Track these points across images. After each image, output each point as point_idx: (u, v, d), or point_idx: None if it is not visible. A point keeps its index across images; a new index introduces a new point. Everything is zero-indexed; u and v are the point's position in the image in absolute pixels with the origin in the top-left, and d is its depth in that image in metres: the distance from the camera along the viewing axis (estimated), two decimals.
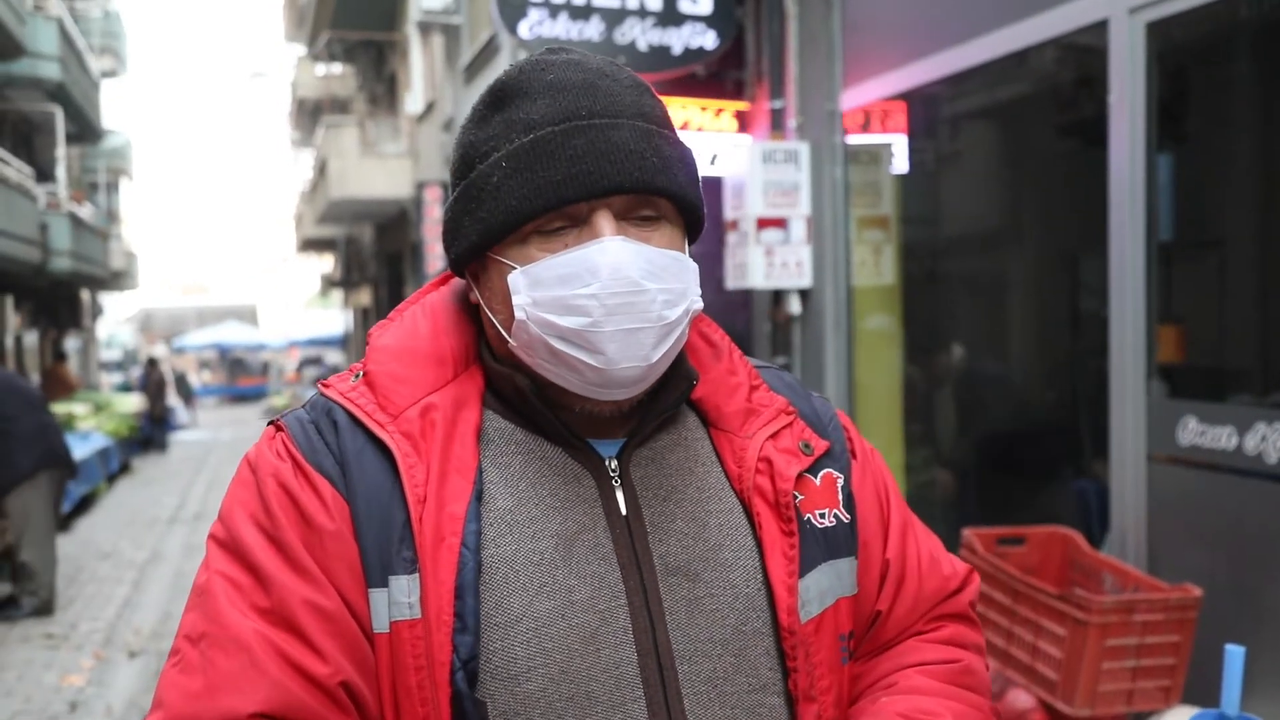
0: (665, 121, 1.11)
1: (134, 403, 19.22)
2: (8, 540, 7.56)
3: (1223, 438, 3.25)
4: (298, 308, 62.64)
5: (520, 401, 1.12)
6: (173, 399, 24.37)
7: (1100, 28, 3.63)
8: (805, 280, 5.59)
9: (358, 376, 1.12)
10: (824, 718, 1.12)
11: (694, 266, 1.10)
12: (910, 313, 5.74)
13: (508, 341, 1.10)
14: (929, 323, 6.09)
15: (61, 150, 21.21)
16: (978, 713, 1.18)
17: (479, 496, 1.06)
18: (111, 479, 14.67)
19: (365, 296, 29.83)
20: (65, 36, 19.05)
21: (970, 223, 6.91)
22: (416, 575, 1.01)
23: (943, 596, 1.27)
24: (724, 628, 1.09)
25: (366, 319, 30.44)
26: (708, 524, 1.13)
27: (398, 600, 1.01)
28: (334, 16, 21.43)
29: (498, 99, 1.10)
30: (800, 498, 1.15)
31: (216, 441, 22.29)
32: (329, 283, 37.09)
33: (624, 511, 1.11)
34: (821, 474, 1.18)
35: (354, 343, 33.95)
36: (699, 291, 1.10)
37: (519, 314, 1.06)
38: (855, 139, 5.44)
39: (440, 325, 1.16)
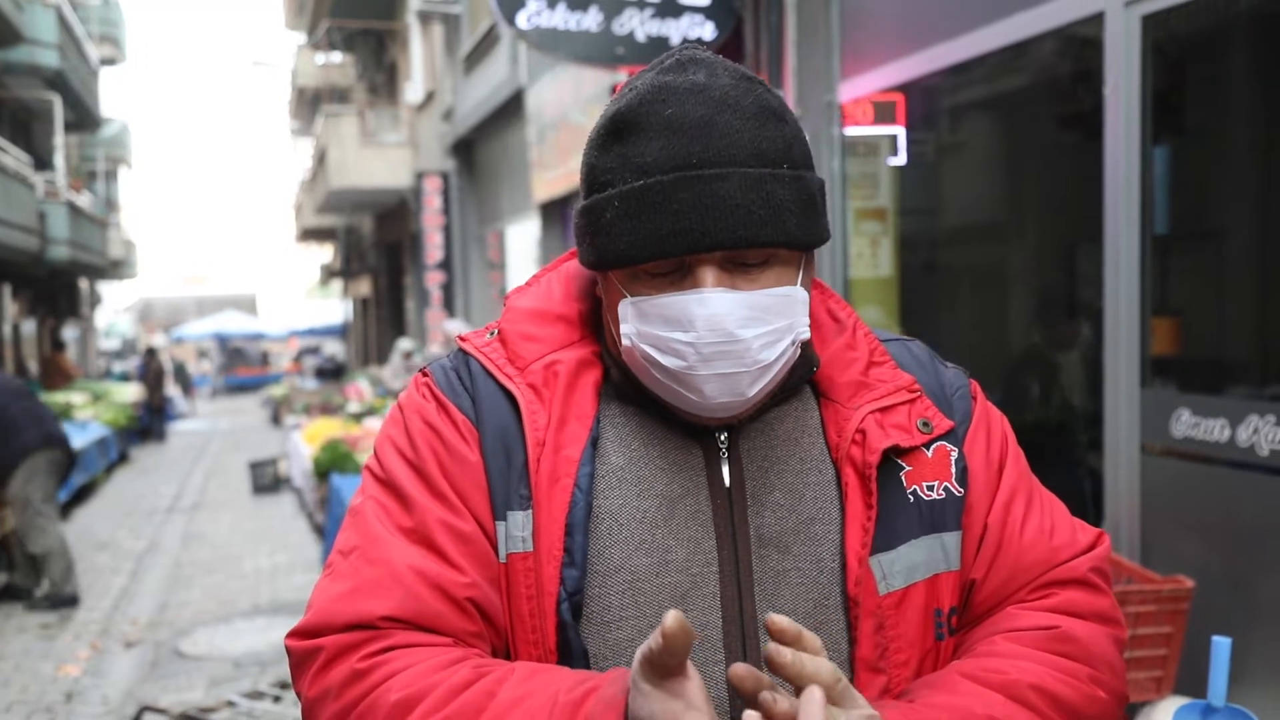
0: (784, 154, 1.09)
1: (132, 392, 19.23)
2: (8, 528, 7.57)
3: (1215, 430, 3.25)
4: (297, 297, 62.59)
5: (625, 379, 1.18)
6: (171, 388, 24.37)
7: (1096, 20, 3.63)
8: None
9: (492, 334, 1.22)
10: (895, 690, 1.12)
11: (804, 296, 1.12)
12: (907, 305, 5.74)
13: (621, 344, 1.15)
14: (925, 314, 6.09)
15: (60, 138, 21.18)
16: (1064, 675, 1.12)
17: (594, 444, 1.14)
18: (110, 469, 14.69)
19: (365, 286, 29.82)
20: (64, 24, 19.01)
21: (968, 215, 6.91)
22: (530, 511, 1.10)
23: (1049, 567, 1.21)
24: (807, 601, 1.13)
25: (366, 309, 30.43)
26: (804, 495, 1.17)
27: (513, 534, 1.10)
28: (334, 5, 21.40)
29: (617, 130, 1.11)
30: (907, 469, 1.17)
31: (215, 431, 22.30)
32: (328, 272, 37.07)
33: (727, 483, 1.16)
34: (935, 446, 1.19)
35: (353, 333, 33.95)
36: (807, 321, 1.12)
37: (625, 341, 1.12)
38: (853, 131, 5.44)
39: (572, 291, 1.24)
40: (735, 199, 1.04)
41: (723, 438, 1.17)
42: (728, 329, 1.06)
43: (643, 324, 1.10)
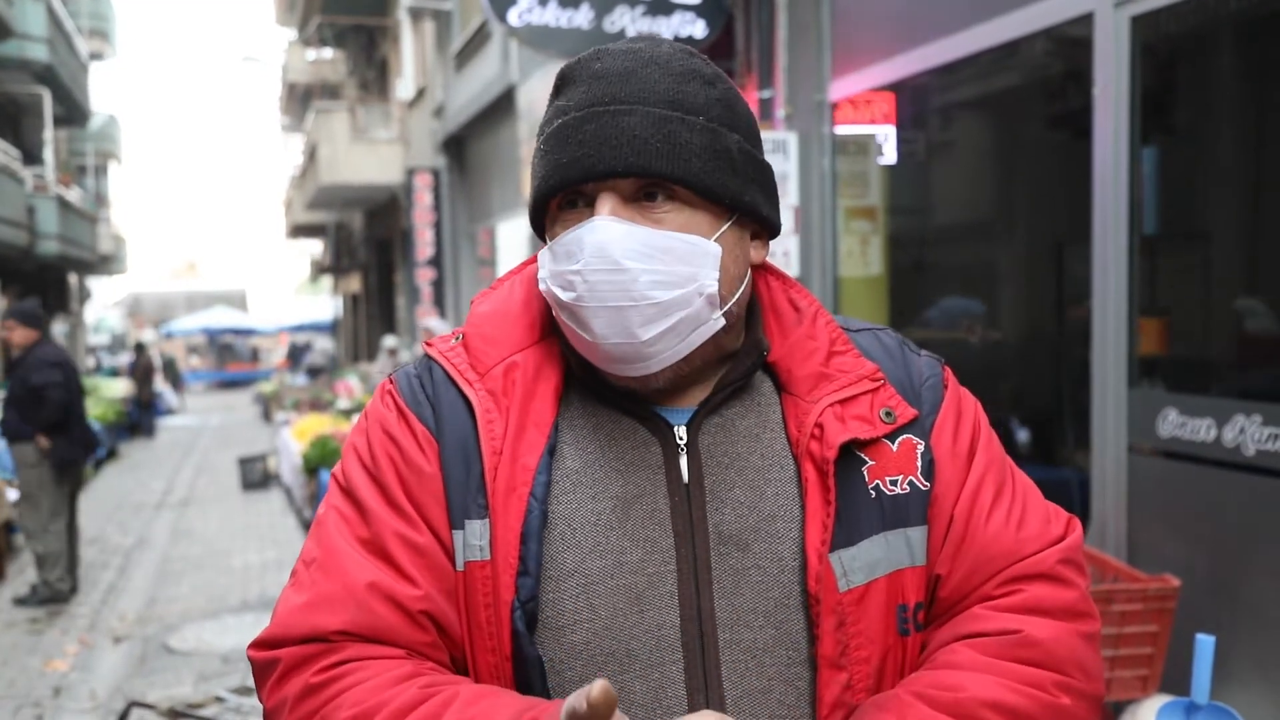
0: (701, 109, 1.12)
1: (122, 387, 19.16)
2: (6, 515, 7.58)
3: (1202, 430, 3.27)
4: (287, 293, 62.47)
5: (586, 369, 1.18)
6: (160, 384, 24.30)
7: (1086, 20, 3.64)
8: (792, 270, 5.59)
9: (457, 338, 1.21)
10: (856, 686, 1.11)
11: (714, 251, 1.11)
12: (897, 303, 5.75)
13: None
14: (915, 312, 6.11)
15: (49, 133, 21.10)
16: (1025, 685, 1.08)
17: (551, 452, 1.14)
18: (98, 464, 14.64)
19: (355, 282, 29.75)
20: (53, 18, 18.93)
21: (957, 213, 6.93)
22: (488, 520, 1.10)
23: (1015, 559, 1.16)
24: (767, 599, 1.12)
25: (356, 305, 30.36)
26: (765, 493, 1.16)
27: (471, 543, 1.10)
28: (325, 1, 21.34)
29: (558, 84, 1.17)
30: (870, 464, 1.15)
31: (204, 427, 22.24)
32: (319, 268, 36.98)
33: (685, 479, 1.15)
34: (900, 440, 1.17)
35: (343, 329, 33.88)
36: (715, 277, 1.11)
37: (541, 286, 1.15)
38: (843, 129, 5.45)
39: (532, 292, 1.23)
40: (635, 130, 1.08)
41: (681, 435, 1.16)
42: (612, 256, 1.07)
43: (550, 265, 1.13)
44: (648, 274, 1.08)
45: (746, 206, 1.14)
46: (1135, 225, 3.52)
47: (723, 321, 1.13)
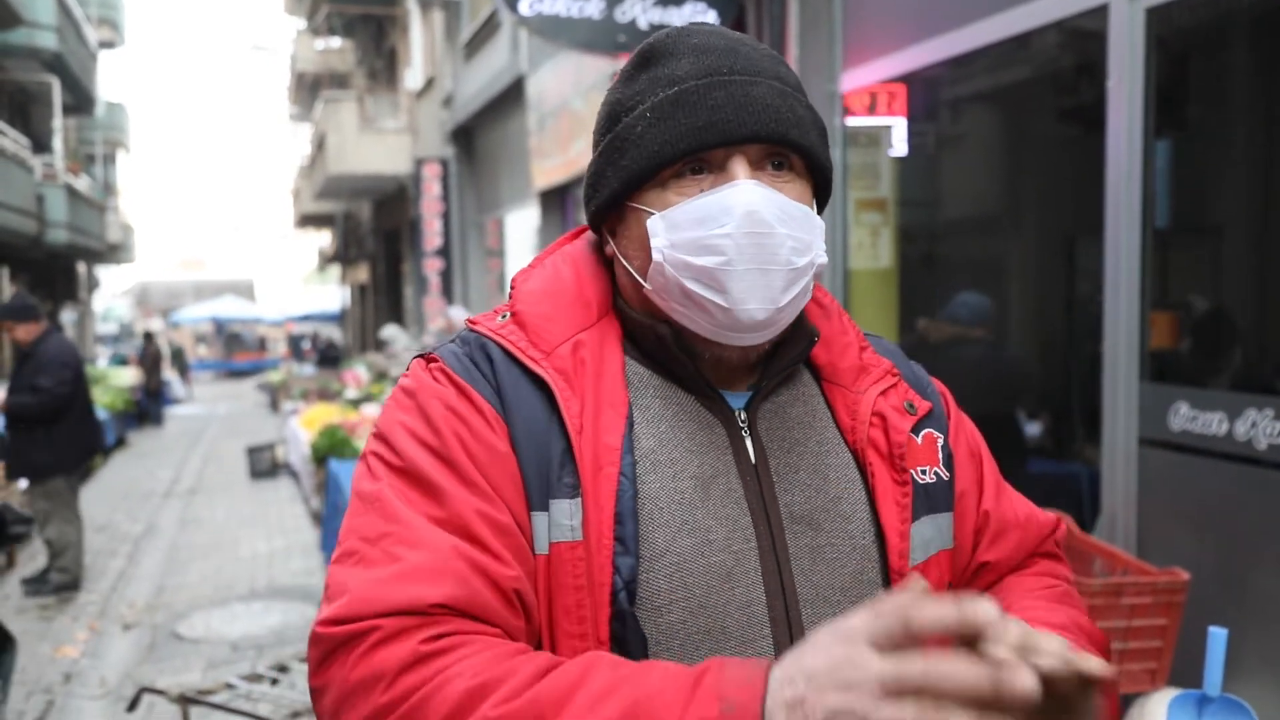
0: (800, 88, 1.17)
1: (130, 376, 19.21)
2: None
3: (1213, 423, 3.26)
4: (295, 283, 62.53)
5: (658, 348, 1.17)
6: (168, 373, 24.35)
7: (1100, 13, 3.63)
8: None
9: (504, 316, 1.18)
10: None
11: (820, 224, 1.15)
12: (906, 296, 5.74)
13: (643, 287, 1.16)
14: (924, 305, 6.10)
15: (58, 121, 21.13)
16: (1083, 623, 1.22)
17: (630, 430, 1.12)
18: (107, 453, 14.69)
19: (363, 272, 29.78)
20: (62, 6, 18.94)
21: (968, 206, 6.91)
22: (579, 499, 1.06)
23: (1040, 541, 1.35)
24: (843, 575, 1.16)
25: (364, 295, 30.39)
26: (828, 476, 1.19)
27: (559, 523, 1.06)
28: None
29: (645, 59, 1.17)
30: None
31: (212, 416, 22.29)
32: (326, 258, 37.02)
33: (753, 460, 1.17)
34: (923, 433, 1.24)
35: (351, 319, 33.91)
36: (824, 247, 1.14)
37: (656, 256, 1.12)
38: (854, 121, 5.44)
39: (582, 271, 1.22)
40: (767, 99, 1.11)
41: (742, 416, 1.19)
42: (764, 218, 1.08)
43: (675, 233, 1.11)
44: (791, 239, 1.10)
45: (829, 186, 1.20)
46: (1148, 219, 3.51)
47: (810, 295, 1.18)
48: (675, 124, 1.10)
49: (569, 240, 1.28)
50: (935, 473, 1.23)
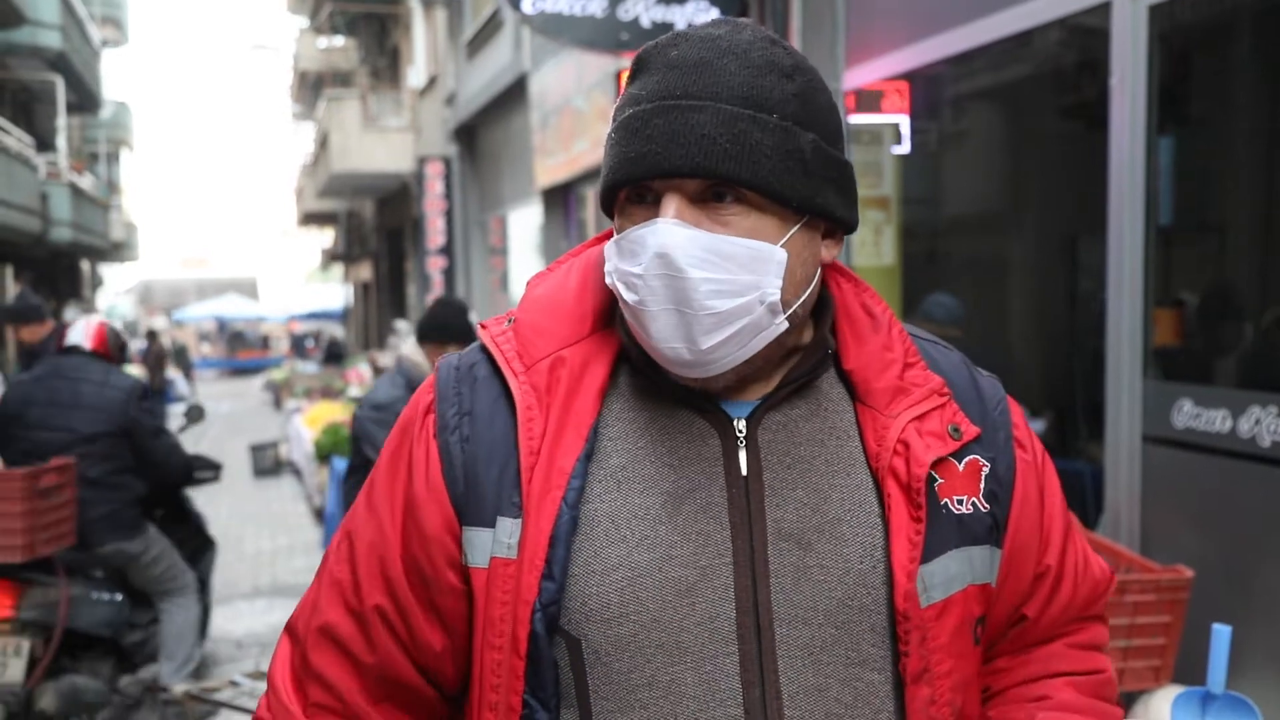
0: (776, 105, 1.06)
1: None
2: None
3: (1217, 420, 3.26)
4: (298, 281, 62.56)
5: (644, 360, 1.15)
6: (172, 371, 24.37)
7: (1103, 10, 3.62)
8: None
9: (509, 323, 1.20)
10: (939, 700, 1.12)
11: (779, 258, 1.07)
12: (909, 294, 5.74)
13: None
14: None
15: (62, 120, 21.16)
16: None
17: (589, 455, 1.12)
18: None
19: (366, 271, 29.81)
20: (66, 5, 18.96)
21: (971, 204, 6.91)
22: (520, 520, 1.09)
23: (1091, 602, 1.30)
24: (829, 599, 1.11)
25: (367, 293, 30.41)
26: (830, 496, 1.14)
27: (500, 540, 1.10)
28: None
29: (634, 69, 1.14)
30: (940, 481, 1.14)
31: (215, 414, 22.29)
32: (329, 257, 37.04)
33: (744, 472, 1.13)
34: (966, 460, 1.16)
35: (354, 317, 33.94)
36: (779, 284, 1.07)
37: (607, 280, 1.13)
38: (857, 119, 5.43)
39: (588, 281, 1.20)
40: (704, 129, 1.03)
41: (741, 428, 1.14)
42: (675, 262, 1.03)
43: (614, 260, 1.11)
44: (708, 282, 1.04)
45: (818, 209, 1.10)
46: (1151, 216, 3.51)
47: (785, 326, 1.10)
48: (620, 151, 1.08)
49: (597, 242, 1.25)
50: (973, 503, 1.15)
